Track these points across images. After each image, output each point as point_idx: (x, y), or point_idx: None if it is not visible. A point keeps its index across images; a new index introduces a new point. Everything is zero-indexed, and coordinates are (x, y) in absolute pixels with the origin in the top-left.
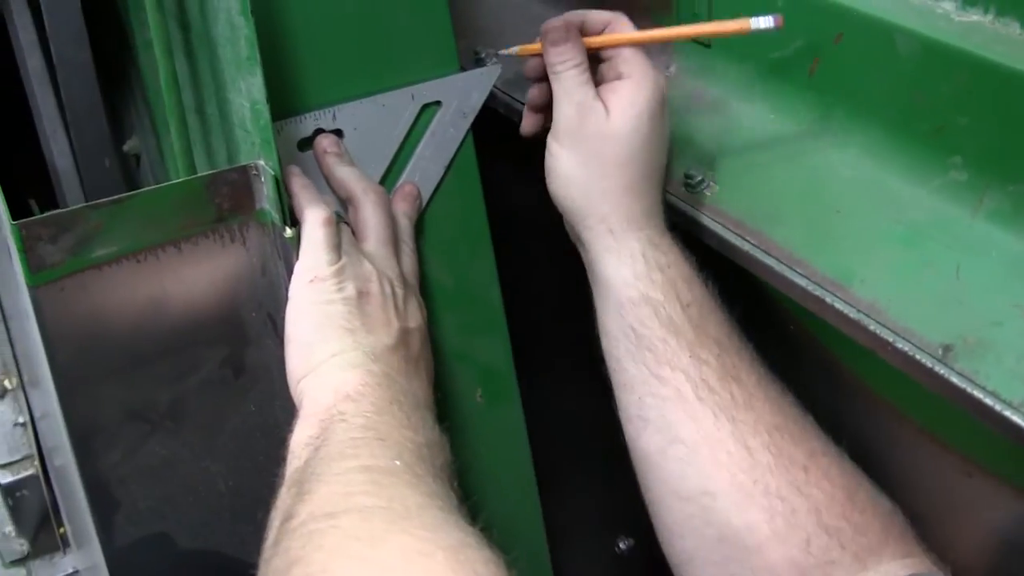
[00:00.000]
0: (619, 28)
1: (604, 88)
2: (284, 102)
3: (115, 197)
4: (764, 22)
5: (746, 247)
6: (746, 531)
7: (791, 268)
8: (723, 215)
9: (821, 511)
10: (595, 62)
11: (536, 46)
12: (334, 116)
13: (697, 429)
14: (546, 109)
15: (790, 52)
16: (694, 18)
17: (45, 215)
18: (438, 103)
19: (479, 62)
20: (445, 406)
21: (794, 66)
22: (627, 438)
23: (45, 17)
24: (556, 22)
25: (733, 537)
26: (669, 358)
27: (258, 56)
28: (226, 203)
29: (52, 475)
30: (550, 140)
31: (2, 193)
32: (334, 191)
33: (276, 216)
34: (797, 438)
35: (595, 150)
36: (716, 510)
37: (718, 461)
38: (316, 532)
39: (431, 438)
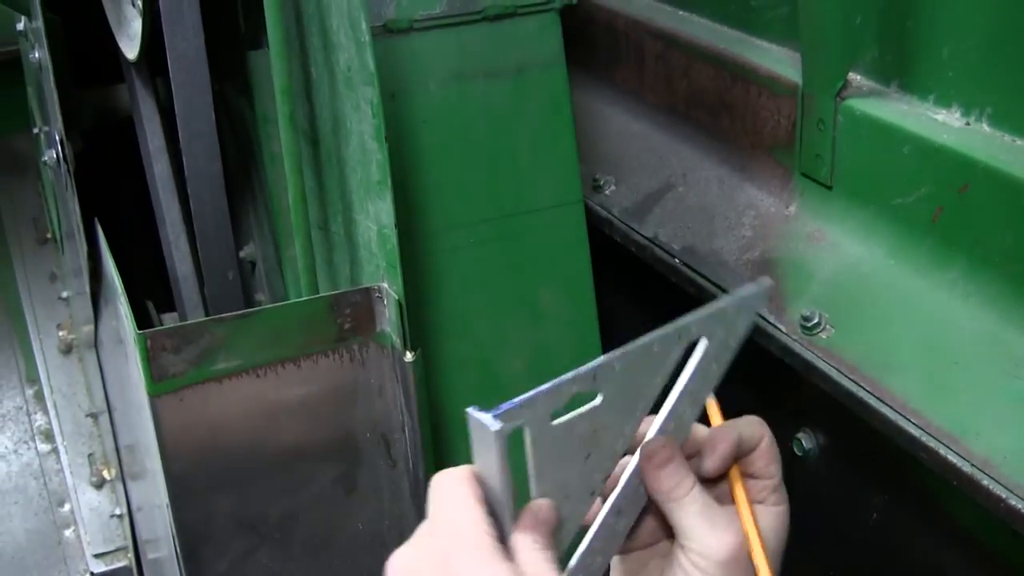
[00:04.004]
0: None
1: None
2: (408, 223)
3: (240, 312)
4: None
5: (860, 393)
6: None
7: (905, 417)
8: (838, 359)
9: None
10: None
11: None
12: (594, 377)
13: None
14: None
15: (913, 199)
16: (816, 159)
17: (170, 327)
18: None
19: (597, 189)
20: None
21: (917, 213)
22: None
23: (180, 129)
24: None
25: None
26: None
27: (389, 181)
28: (348, 323)
29: (145, 568)
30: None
31: (127, 298)
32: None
33: (397, 340)
34: None
35: None
36: None
37: None
38: None
39: None
